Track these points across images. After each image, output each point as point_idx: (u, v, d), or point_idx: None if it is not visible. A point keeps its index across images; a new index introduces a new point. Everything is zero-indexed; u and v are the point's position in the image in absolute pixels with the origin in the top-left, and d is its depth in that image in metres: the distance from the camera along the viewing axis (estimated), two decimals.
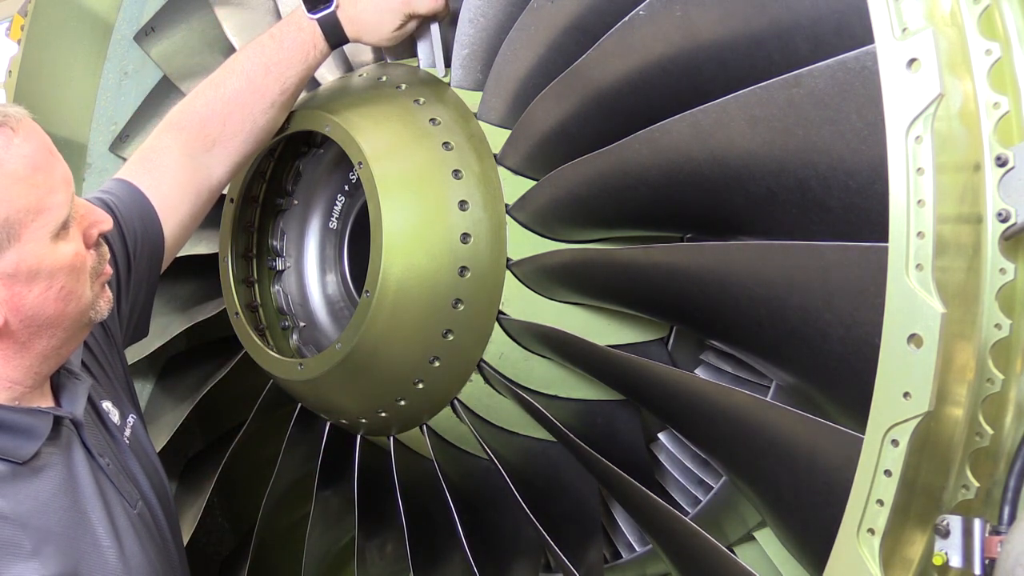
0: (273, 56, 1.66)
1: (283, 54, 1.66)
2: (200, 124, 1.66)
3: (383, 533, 1.99)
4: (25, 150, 1.23)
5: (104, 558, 1.29)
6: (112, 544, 1.31)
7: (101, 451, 1.38)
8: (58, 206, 1.25)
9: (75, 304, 1.30)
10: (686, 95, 1.31)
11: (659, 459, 1.84)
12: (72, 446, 1.34)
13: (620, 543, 1.94)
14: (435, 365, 1.62)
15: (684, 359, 1.76)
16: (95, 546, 1.29)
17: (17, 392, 1.30)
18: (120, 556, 1.31)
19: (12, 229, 1.21)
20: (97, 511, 1.31)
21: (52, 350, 1.31)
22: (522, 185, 1.63)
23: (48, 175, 1.25)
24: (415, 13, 1.67)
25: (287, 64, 1.65)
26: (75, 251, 1.28)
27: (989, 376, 1.07)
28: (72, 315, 1.30)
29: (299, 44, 1.66)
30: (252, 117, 1.66)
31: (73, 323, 1.31)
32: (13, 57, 2.16)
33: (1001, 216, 1.06)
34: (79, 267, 1.29)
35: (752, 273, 1.27)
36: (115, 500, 1.35)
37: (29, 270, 1.23)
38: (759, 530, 1.72)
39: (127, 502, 1.37)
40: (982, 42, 1.08)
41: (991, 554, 1.02)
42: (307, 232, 1.93)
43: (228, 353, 2.03)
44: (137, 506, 1.39)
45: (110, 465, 1.38)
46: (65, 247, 1.27)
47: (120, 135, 2.33)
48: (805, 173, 1.18)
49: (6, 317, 1.24)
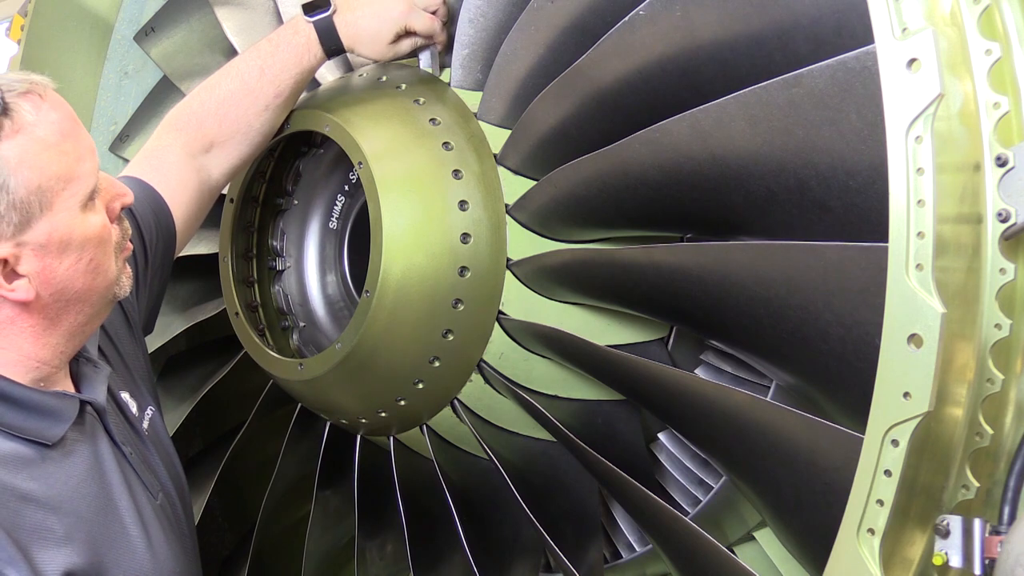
0: (268, 59, 1.67)
1: (278, 57, 1.66)
2: (197, 125, 1.66)
3: (383, 533, 1.99)
4: (53, 117, 1.22)
5: (132, 547, 1.29)
6: (140, 534, 1.31)
7: (124, 440, 1.37)
8: (87, 174, 1.25)
9: (103, 278, 1.29)
10: (686, 95, 1.31)
11: (659, 459, 1.84)
12: (97, 433, 1.33)
13: (620, 543, 1.94)
14: (435, 365, 1.62)
15: (684, 359, 1.76)
16: (124, 535, 1.29)
17: (43, 373, 1.30)
18: (148, 546, 1.31)
19: (44, 197, 1.20)
20: (124, 500, 1.31)
21: (79, 327, 1.31)
22: (522, 185, 1.63)
23: (76, 143, 1.24)
24: (411, 28, 1.67)
25: (282, 67, 1.66)
26: (103, 223, 1.28)
27: (989, 376, 1.07)
28: (99, 289, 1.30)
29: (294, 47, 1.66)
30: (247, 119, 1.66)
31: (100, 298, 1.31)
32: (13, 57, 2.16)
33: (1001, 216, 1.06)
34: (106, 239, 1.29)
35: (752, 273, 1.26)
36: (140, 490, 1.35)
37: (61, 240, 1.23)
38: (759, 530, 1.72)
39: (150, 493, 1.37)
40: (982, 42, 1.08)
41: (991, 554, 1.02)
42: (307, 232, 1.93)
43: (228, 353, 2.03)
44: (159, 497, 1.39)
45: (133, 455, 1.37)
46: (94, 218, 1.26)
47: (120, 135, 2.33)
48: (805, 173, 1.18)
49: (37, 290, 1.24)
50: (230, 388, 2.04)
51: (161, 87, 2.31)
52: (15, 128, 1.19)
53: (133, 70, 2.35)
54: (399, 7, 1.65)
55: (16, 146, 1.19)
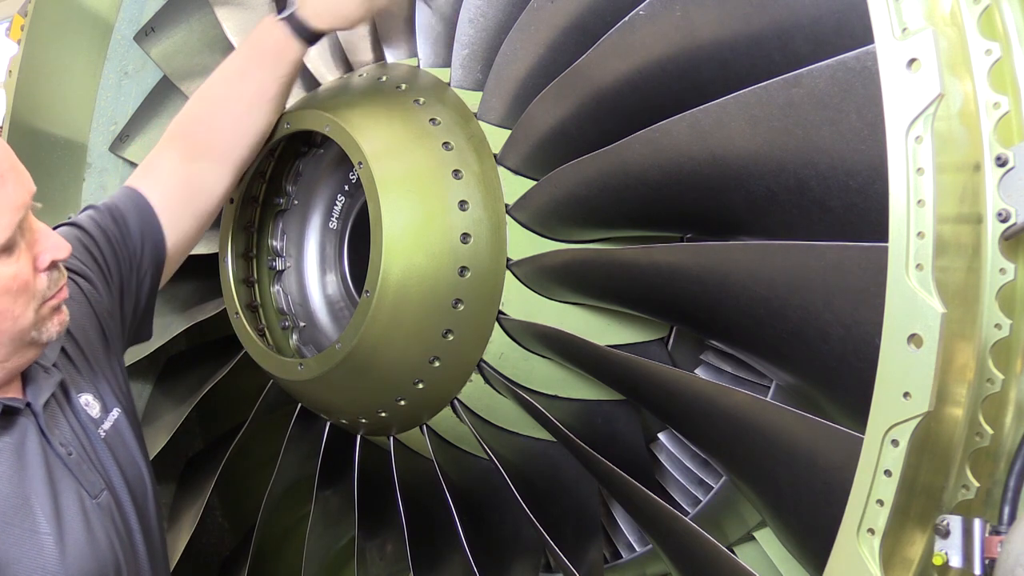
0: (249, 60, 1.71)
1: (256, 56, 1.70)
2: (191, 131, 1.70)
3: (383, 533, 1.99)
4: None
5: (40, 544, 1.31)
6: (51, 531, 1.33)
7: (64, 441, 1.40)
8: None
9: (11, 323, 1.30)
10: (686, 95, 1.31)
11: (659, 459, 1.84)
12: (27, 434, 1.36)
13: (620, 543, 1.94)
14: (435, 365, 1.62)
15: (684, 359, 1.76)
16: (32, 532, 1.31)
17: None
18: (58, 543, 1.33)
19: None
20: (42, 498, 1.33)
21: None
22: (522, 185, 1.63)
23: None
24: None
25: (261, 66, 1.69)
26: (14, 273, 1.29)
27: (989, 376, 1.07)
28: (8, 332, 1.31)
29: (270, 45, 1.69)
30: (235, 120, 1.69)
31: (12, 341, 1.32)
32: (13, 57, 2.16)
33: (1001, 216, 1.06)
34: (17, 289, 1.29)
35: (752, 273, 1.26)
36: (69, 488, 1.37)
37: None
38: (759, 530, 1.72)
39: (86, 491, 1.39)
40: (982, 42, 1.08)
41: (991, 554, 1.02)
42: (307, 232, 1.93)
43: (228, 353, 2.03)
44: (101, 496, 1.41)
45: (72, 455, 1.40)
46: (4, 268, 1.27)
47: (120, 135, 2.33)
48: (805, 173, 1.18)
49: None
50: (230, 388, 2.04)
51: (161, 87, 2.31)
52: None
53: (133, 70, 2.35)
54: None
55: None
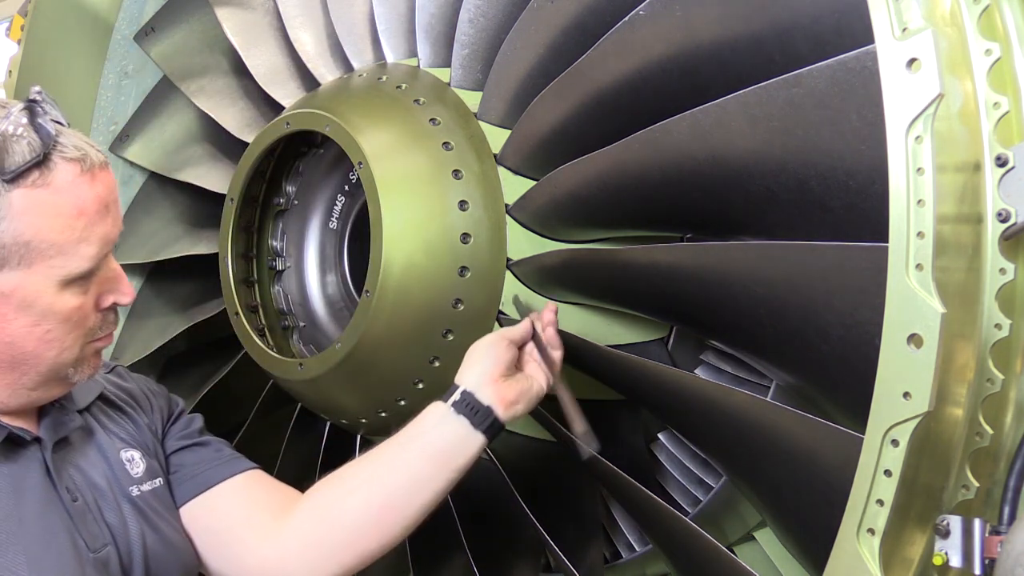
0: (416, 463, 1.43)
1: (428, 459, 1.44)
2: (314, 519, 1.43)
3: None
4: (84, 192, 1.22)
5: None
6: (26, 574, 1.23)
7: (72, 487, 1.32)
8: (82, 258, 1.23)
9: (57, 351, 1.27)
10: (686, 95, 1.31)
11: (659, 459, 1.84)
12: (29, 468, 1.29)
13: (620, 543, 1.94)
14: (435, 365, 1.62)
15: (684, 359, 1.76)
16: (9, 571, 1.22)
17: None
18: None
19: (28, 255, 1.20)
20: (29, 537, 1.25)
21: (23, 388, 1.28)
22: (522, 185, 1.63)
23: (90, 226, 1.23)
24: (513, 340, 1.47)
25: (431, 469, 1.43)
26: (79, 304, 1.26)
27: (989, 376, 1.07)
28: (49, 360, 1.27)
29: (449, 440, 1.43)
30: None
31: (49, 370, 1.28)
32: (13, 57, 2.16)
33: (1001, 216, 1.06)
34: (76, 320, 1.27)
35: (752, 273, 1.26)
36: (64, 533, 1.28)
37: (23, 299, 1.22)
38: (759, 530, 1.72)
39: (85, 543, 1.30)
40: (982, 42, 1.08)
41: (991, 554, 1.02)
42: (307, 232, 1.93)
43: (228, 353, 2.03)
44: (103, 551, 1.32)
45: (77, 501, 1.31)
46: (71, 298, 1.25)
47: (120, 135, 2.33)
48: (805, 173, 1.18)
49: None
50: (230, 388, 2.04)
51: (161, 87, 2.31)
52: (43, 182, 1.19)
53: (133, 70, 2.35)
54: (495, 339, 1.46)
55: (30, 198, 1.18)
